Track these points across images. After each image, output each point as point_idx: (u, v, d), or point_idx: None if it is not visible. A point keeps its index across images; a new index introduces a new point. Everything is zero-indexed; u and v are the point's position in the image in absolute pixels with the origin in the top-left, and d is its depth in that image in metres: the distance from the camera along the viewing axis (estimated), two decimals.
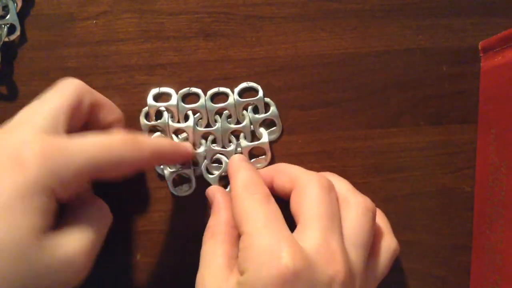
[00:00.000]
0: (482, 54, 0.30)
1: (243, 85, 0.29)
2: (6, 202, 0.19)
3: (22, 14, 0.29)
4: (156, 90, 0.29)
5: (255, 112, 0.30)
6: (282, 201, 0.25)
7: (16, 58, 0.29)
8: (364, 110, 0.30)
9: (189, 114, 0.29)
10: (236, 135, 0.30)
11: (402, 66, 0.30)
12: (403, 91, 0.30)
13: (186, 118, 0.29)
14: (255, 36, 0.29)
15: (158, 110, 0.29)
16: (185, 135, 0.29)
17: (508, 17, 0.30)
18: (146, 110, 0.29)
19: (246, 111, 0.30)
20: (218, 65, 0.30)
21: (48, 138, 0.21)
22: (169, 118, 0.29)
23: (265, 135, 0.30)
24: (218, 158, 0.30)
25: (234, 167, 0.26)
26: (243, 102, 0.29)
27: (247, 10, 0.29)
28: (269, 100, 0.30)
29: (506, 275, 0.27)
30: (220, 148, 0.30)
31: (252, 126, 0.30)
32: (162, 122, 0.29)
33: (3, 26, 0.28)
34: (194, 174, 0.29)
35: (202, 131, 0.29)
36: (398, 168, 0.30)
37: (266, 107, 0.30)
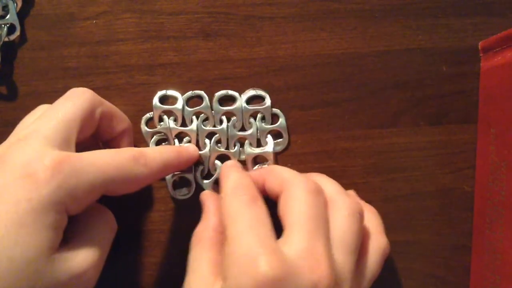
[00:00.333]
0: (482, 54, 0.30)
1: (252, 92, 0.29)
2: (20, 220, 0.19)
3: (22, 14, 0.29)
4: (162, 92, 0.29)
5: (263, 121, 0.30)
6: (275, 204, 0.24)
7: (16, 58, 0.29)
8: (364, 110, 0.30)
9: (193, 118, 0.29)
10: (241, 142, 0.30)
11: (402, 66, 0.30)
12: (403, 91, 0.30)
13: (190, 121, 0.29)
14: (255, 36, 0.29)
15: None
16: (188, 138, 0.29)
17: (508, 17, 0.30)
18: (146, 117, 0.29)
19: (254, 119, 0.30)
20: (218, 65, 0.30)
21: (60, 153, 0.21)
22: (171, 122, 0.29)
23: (270, 143, 0.29)
24: (215, 163, 0.30)
25: (225, 171, 0.26)
26: (250, 110, 0.29)
27: (247, 10, 0.29)
28: (279, 111, 0.30)
29: (506, 275, 0.27)
30: (224, 149, 0.29)
31: (258, 134, 0.29)
32: (164, 128, 0.29)
33: (3, 26, 0.28)
34: (195, 178, 0.29)
35: (207, 131, 0.29)
36: (398, 168, 0.30)
37: (274, 118, 0.30)
